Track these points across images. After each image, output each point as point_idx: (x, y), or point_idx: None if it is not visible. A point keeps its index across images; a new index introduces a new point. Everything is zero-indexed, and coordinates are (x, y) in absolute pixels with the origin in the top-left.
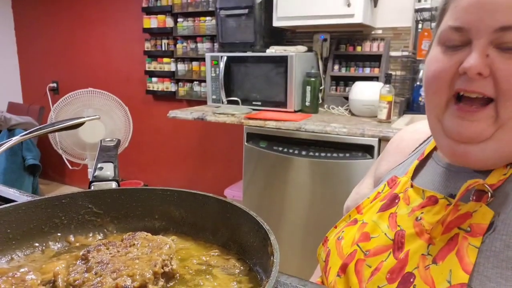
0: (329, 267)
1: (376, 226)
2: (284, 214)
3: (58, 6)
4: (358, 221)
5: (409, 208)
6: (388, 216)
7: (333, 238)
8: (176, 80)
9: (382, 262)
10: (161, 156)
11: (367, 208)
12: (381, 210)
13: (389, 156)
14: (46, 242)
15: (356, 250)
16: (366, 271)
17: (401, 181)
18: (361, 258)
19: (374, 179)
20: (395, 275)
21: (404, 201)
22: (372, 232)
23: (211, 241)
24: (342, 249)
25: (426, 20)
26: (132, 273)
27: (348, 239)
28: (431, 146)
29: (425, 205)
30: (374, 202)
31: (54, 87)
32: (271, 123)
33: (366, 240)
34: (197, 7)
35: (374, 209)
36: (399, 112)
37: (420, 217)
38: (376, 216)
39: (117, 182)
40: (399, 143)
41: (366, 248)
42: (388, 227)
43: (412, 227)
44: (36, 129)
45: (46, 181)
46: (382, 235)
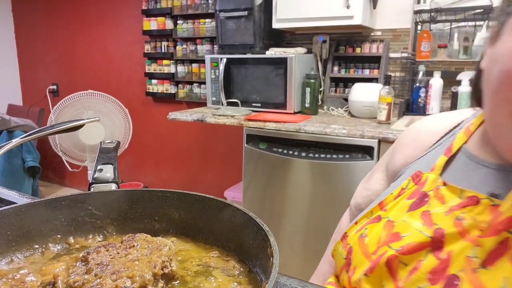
0: (353, 266)
1: (407, 225)
2: (284, 215)
3: (58, 9)
4: (382, 218)
5: (445, 207)
6: (420, 214)
7: (355, 234)
8: (176, 82)
9: (421, 261)
10: (161, 157)
11: (391, 205)
12: (411, 209)
13: (405, 149)
14: (46, 244)
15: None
16: (402, 270)
17: (428, 177)
18: (393, 254)
19: (388, 173)
20: (438, 275)
21: (438, 200)
22: (402, 232)
23: (211, 243)
24: (367, 248)
25: (425, 21)
26: (131, 275)
27: (372, 237)
28: (459, 141)
29: (466, 205)
30: (399, 198)
31: (54, 89)
32: (271, 125)
33: (397, 239)
34: (197, 9)
35: (401, 207)
36: (398, 114)
37: (462, 217)
38: (406, 216)
39: (116, 184)
40: (417, 135)
41: (398, 245)
42: (423, 224)
43: (452, 226)
44: (36, 131)
45: (46, 183)
46: (416, 232)
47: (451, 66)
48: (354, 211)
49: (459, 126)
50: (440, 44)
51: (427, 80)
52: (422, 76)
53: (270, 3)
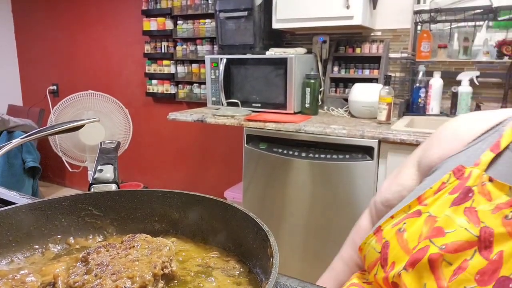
0: (391, 261)
1: (451, 220)
2: (284, 215)
3: (58, 9)
4: (422, 212)
5: (491, 204)
6: (464, 210)
7: (391, 229)
8: (176, 82)
9: (467, 260)
10: (161, 158)
11: (431, 199)
12: (455, 204)
13: (443, 143)
14: (46, 244)
15: (428, 246)
16: (446, 268)
17: (471, 172)
18: (436, 252)
19: (421, 168)
20: (487, 277)
21: (483, 196)
22: (446, 227)
23: (211, 243)
24: (407, 243)
25: (425, 21)
26: (132, 275)
27: (412, 232)
28: (506, 138)
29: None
30: (439, 193)
31: (54, 90)
32: (271, 125)
33: (440, 235)
34: (197, 10)
35: (443, 202)
36: (398, 114)
37: (511, 216)
38: (449, 210)
39: (117, 184)
40: (456, 129)
41: (441, 243)
42: (469, 222)
43: (500, 226)
44: (36, 132)
45: (46, 183)
46: (461, 230)
47: (451, 66)
48: (381, 207)
49: (502, 124)
50: (440, 44)
51: (427, 80)
52: (422, 76)
53: (270, 3)
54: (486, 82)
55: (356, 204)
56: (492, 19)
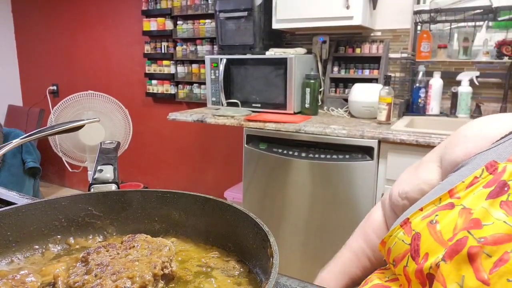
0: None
1: (487, 213)
2: (284, 216)
3: (58, 9)
4: (455, 205)
5: None
6: (500, 203)
7: (421, 221)
8: (176, 82)
9: (508, 253)
10: (161, 158)
11: (464, 193)
12: (491, 197)
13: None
14: (46, 245)
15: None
16: (485, 261)
17: (506, 167)
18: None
19: (444, 164)
20: None
21: None
22: (483, 219)
23: (211, 243)
24: (441, 234)
25: (425, 22)
26: (131, 275)
27: (446, 224)
28: None
29: None
30: (473, 187)
31: (54, 90)
32: (271, 125)
33: (477, 227)
34: (197, 10)
35: (478, 195)
36: (398, 114)
37: None
38: (486, 203)
39: (116, 184)
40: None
41: (479, 235)
42: (507, 215)
43: None
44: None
45: (46, 183)
46: (499, 222)
47: (451, 67)
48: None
49: None
50: (440, 44)
51: (427, 80)
52: (422, 77)
53: (270, 3)
54: (486, 82)
55: (356, 204)
56: (492, 19)
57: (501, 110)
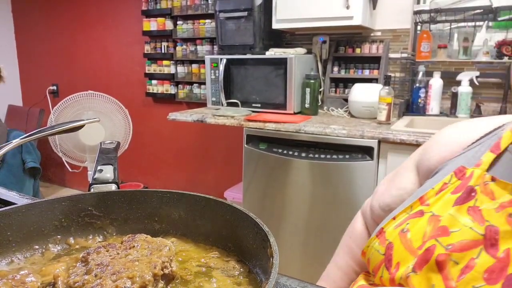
0: (396, 262)
1: (455, 219)
2: (284, 216)
3: (58, 9)
4: (425, 212)
5: (495, 203)
6: (467, 209)
7: (394, 230)
8: (176, 82)
9: (474, 259)
10: (161, 158)
11: (433, 199)
12: (458, 203)
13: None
14: (46, 245)
15: (434, 245)
16: (453, 268)
17: (473, 172)
18: (443, 252)
19: (420, 171)
20: (495, 275)
21: (486, 195)
22: (451, 226)
23: (211, 243)
24: (411, 243)
25: (425, 22)
26: (131, 275)
27: (416, 232)
28: (506, 140)
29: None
30: (441, 193)
31: (54, 90)
32: (271, 125)
33: (445, 234)
34: (197, 10)
35: (446, 201)
36: (398, 114)
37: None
38: (452, 210)
39: (116, 184)
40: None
41: (447, 242)
42: (473, 221)
43: (505, 224)
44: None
45: (46, 183)
46: (466, 229)
47: (451, 67)
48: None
49: (501, 128)
50: (440, 44)
51: (427, 80)
52: (422, 77)
53: (270, 3)
54: (486, 82)
55: (356, 204)
56: (492, 19)
57: (501, 110)
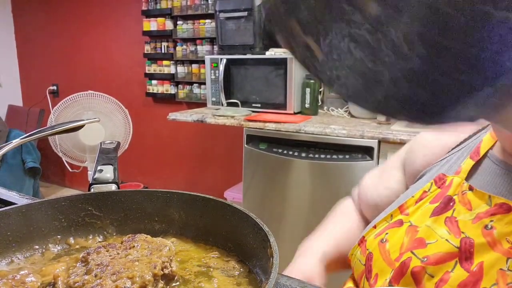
0: (374, 273)
1: (432, 231)
2: (284, 216)
3: (58, 9)
4: (404, 222)
5: (472, 214)
6: (444, 220)
7: (374, 239)
8: (176, 82)
9: (448, 272)
10: (161, 158)
11: (413, 208)
12: (435, 214)
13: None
14: (46, 245)
15: (410, 258)
16: (428, 282)
17: (452, 180)
18: (418, 265)
19: (406, 172)
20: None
21: (464, 205)
22: (427, 238)
23: (211, 243)
24: (389, 254)
25: None
26: (131, 275)
27: (394, 243)
28: (485, 145)
29: (495, 213)
30: (421, 202)
31: (54, 90)
32: (271, 125)
33: (421, 246)
34: (197, 10)
35: (424, 211)
36: None
37: (491, 226)
38: (430, 221)
39: (116, 184)
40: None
41: (423, 254)
42: (449, 232)
43: (481, 236)
44: (36, 132)
45: (46, 183)
46: (442, 241)
47: None
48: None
49: (485, 129)
50: None
51: None
52: None
53: None
54: None
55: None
56: None
57: None
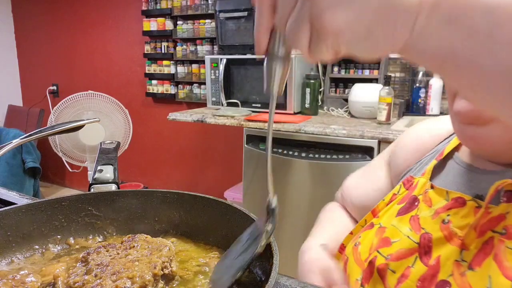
0: (347, 274)
1: (397, 230)
2: (284, 216)
3: (58, 9)
4: (374, 225)
5: (431, 210)
6: (409, 219)
7: (350, 244)
8: (176, 82)
9: (409, 268)
10: (161, 158)
11: (383, 211)
12: (400, 213)
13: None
14: (46, 245)
15: (376, 257)
16: (390, 277)
17: (418, 181)
18: (383, 262)
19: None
20: (427, 283)
21: (425, 203)
22: (392, 237)
23: (211, 243)
24: (360, 255)
25: None
26: (131, 275)
27: (365, 245)
28: (451, 146)
29: (451, 207)
30: (390, 204)
31: (54, 90)
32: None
33: (386, 245)
34: (197, 10)
35: (392, 212)
36: (398, 114)
37: (447, 220)
38: (395, 220)
39: (116, 184)
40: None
41: (387, 253)
42: (411, 229)
43: (439, 230)
44: (36, 132)
45: (46, 183)
46: (405, 238)
47: None
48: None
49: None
50: None
51: (427, 80)
52: (422, 77)
53: None
54: None
55: None
56: None
57: None
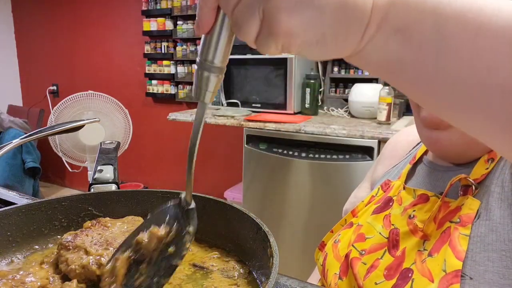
0: (326, 269)
1: (371, 227)
2: (284, 216)
3: (58, 9)
4: (353, 224)
5: (401, 208)
6: (383, 218)
7: (330, 242)
8: (176, 82)
9: (378, 259)
10: (161, 158)
11: (362, 211)
12: (376, 212)
13: (385, 159)
14: (46, 245)
15: (351, 250)
16: (361, 268)
17: (394, 184)
18: (356, 257)
19: (371, 183)
20: (393, 271)
21: (397, 202)
22: (367, 233)
23: (211, 243)
24: (338, 251)
25: None
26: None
27: (344, 242)
28: (422, 150)
29: (417, 203)
30: (369, 205)
31: (54, 90)
32: (271, 125)
33: (361, 240)
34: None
35: (369, 212)
36: (398, 114)
37: (413, 215)
38: (370, 218)
39: (116, 184)
40: (394, 146)
41: (362, 248)
42: (383, 227)
43: (406, 225)
44: (36, 132)
45: (46, 183)
46: (377, 234)
47: None
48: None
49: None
50: None
51: None
52: None
53: None
54: None
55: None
56: None
57: None
